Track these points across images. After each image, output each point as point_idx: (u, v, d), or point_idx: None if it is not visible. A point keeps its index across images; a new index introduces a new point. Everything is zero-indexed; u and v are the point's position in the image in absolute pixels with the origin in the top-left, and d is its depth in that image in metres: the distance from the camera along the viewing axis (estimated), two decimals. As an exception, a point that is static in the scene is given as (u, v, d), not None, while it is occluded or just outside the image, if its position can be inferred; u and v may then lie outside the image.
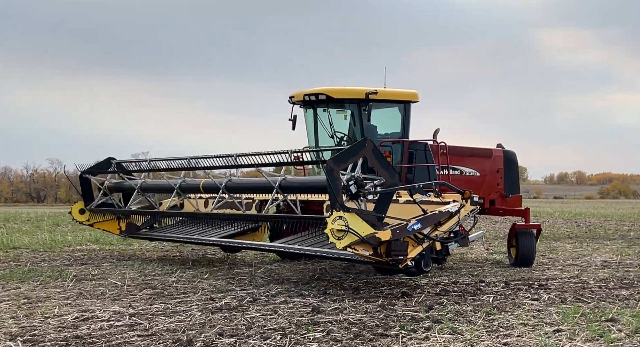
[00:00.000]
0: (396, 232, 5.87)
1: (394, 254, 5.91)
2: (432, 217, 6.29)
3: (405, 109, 9.38)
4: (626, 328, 4.85)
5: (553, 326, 4.97)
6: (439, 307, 5.74)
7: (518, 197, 9.70)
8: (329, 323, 5.08)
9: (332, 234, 5.72)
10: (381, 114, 9.45)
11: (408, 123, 9.39)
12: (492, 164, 9.57)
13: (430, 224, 6.28)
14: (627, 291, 6.63)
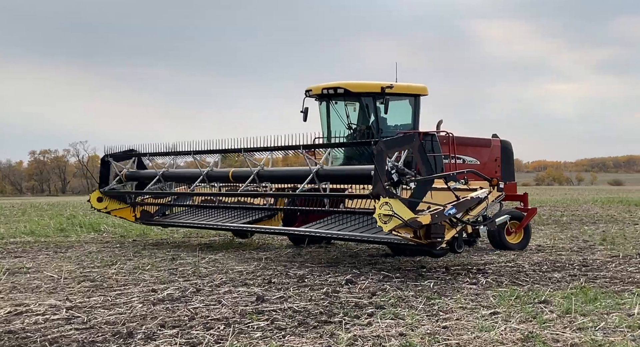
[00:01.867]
0: (435, 217, 6.35)
1: (433, 236, 6.40)
2: (465, 202, 6.79)
3: (416, 102, 10.01)
4: (558, 309, 5.09)
5: (490, 308, 5.16)
6: (382, 293, 5.85)
7: (513, 184, 10.29)
8: (273, 312, 5.09)
9: (380, 218, 6.20)
10: (392, 106, 9.83)
11: (418, 115, 10.05)
12: (491, 153, 10.15)
13: (463, 209, 6.77)
14: (559, 274, 6.95)
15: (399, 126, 10.02)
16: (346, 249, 9.34)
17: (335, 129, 9.98)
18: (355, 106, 10.02)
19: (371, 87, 9.57)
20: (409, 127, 10.00)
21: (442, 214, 6.46)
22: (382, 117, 9.92)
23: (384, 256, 8.57)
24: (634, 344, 4.01)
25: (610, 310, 5.02)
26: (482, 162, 9.91)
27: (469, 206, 6.87)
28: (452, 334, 4.38)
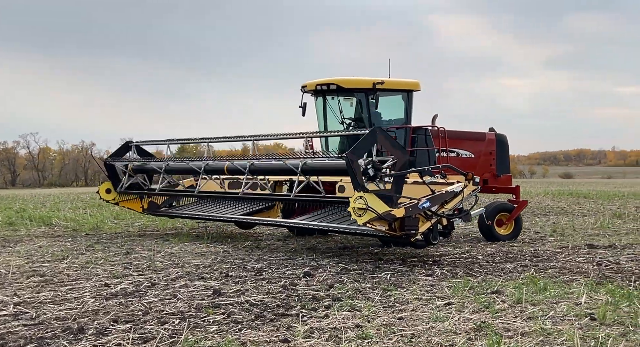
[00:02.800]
0: (409, 210, 6.66)
1: (407, 229, 6.70)
2: (440, 196, 7.07)
3: (408, 97, 10.16)
4: (509, 299, 5.23)
5: (444, 299, 5.26)
6: (340, 285, 5.88)
7: (508, 176, 10.53)
8: (230, 305, 5.05)
9: (354, 211, 6.50)
10: (385, 101, 10.18)
11: (411, 110, 10.21)
12: (486, 146, 10.34)
13: (438, 203, 7.05)
14: (511, 265, 7.14)
15: (392, 121, 10.25)
16: (305, 242, 9.34)
17: (331, 124, 10.19)
18: (353, 101, 10.23)
19: (363, 83, 9.76)
20: (401, 121, 10.19)
21: (416, 207, 6.75)
22: (375, 112, 10.12)
23: (342, 248, 8.62)
24: (580, 332, 4.16)
25: (559, 299, 5.19)
26: (476, 156, 10.15)
27: (444, 199, 7.15)
28: (407, 324, 4.44)
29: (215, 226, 12.13)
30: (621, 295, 5.24)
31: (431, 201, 6.94)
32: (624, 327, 4.28)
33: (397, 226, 6.74)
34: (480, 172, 10.02)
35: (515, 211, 9.62)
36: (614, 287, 5.61)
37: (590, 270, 6.69)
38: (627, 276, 6.28)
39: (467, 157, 10.05)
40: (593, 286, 5.75)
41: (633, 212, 14.92)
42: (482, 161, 10.14)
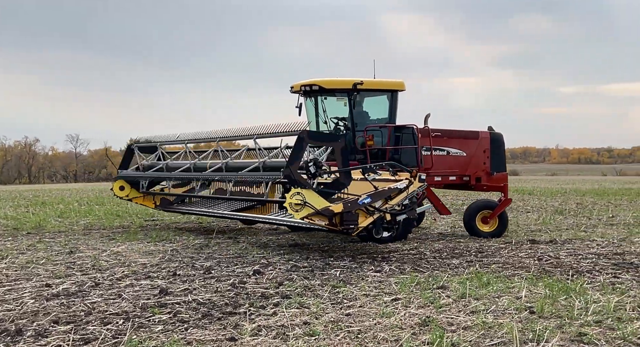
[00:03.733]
0: (348, 205, 6.91)
1: (346, 223, 6.94)
2: (382, 192, 7.28)
3: (392, 97, 10.38)
4: (454, 294, 5.36)
5: (392, 295, 5.34)
6: (289, 283, 5.88)
7: (504, 174, 10.63)
8: (176, 304, 4.98)
9: (291, 206, 6.75)
10: (373, 101, 10.44)
11: (395, 109, 10.40)
12: (479, 144, 10.43)
13: (380, 199, 7.25)
14: (457, 260, 7.32)
15: (379, 120, 10.43)
16: (255, 240, 9.30)
17: (323, 123, 10.37)
18: (345, 101, 10.32)
19: (343, 83, 9.98)
20: (386, 121, 10.38)
21: (356, 203, 6.97)
22: (362, 112, 10.37)
23: (294, 246, 8.63)
24: (519, 325, 4.31)
25: (501, 293, 5.36)
26: (468, 154, 10.31)
27: (386, 195, 7.33)
28: (355, 320, 4.49)
29: (164, 223, 11.92)
30: (559, 288, 5.46)
31: (372, 197, 7.14)
32: (560, 320, 4.46)
33: (337, 221, 6.96)
34: (473, 170, 10.29)
35: (497, 208, 9.86)
36: (553, 281, 5.84)
37: (532, 265, 6.94)
38: (566, 270, 6.54)
39: (458, 156, 10.23)
40: (533, 280, 5.97)
41: (574, 208, 15.54)
42: (475, 159, 10.32)
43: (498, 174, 10.40)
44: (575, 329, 4.19)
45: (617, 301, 4.96)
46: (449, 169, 10.16)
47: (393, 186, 7.47)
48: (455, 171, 10.19)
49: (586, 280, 5.96)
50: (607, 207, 16.13)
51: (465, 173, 10.26)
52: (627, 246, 8.52)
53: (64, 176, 76.77)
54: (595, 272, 6.44)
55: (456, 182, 10.33)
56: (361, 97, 10.28)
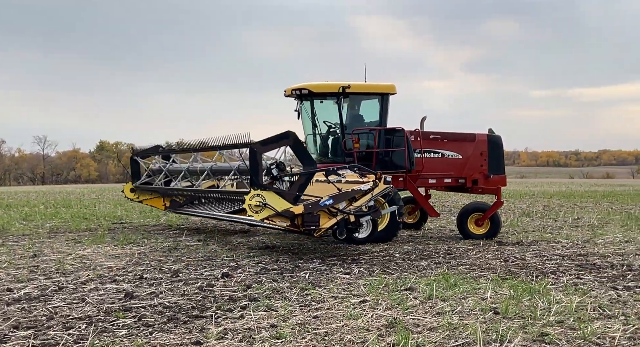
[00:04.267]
0: (308, 207, 7.01)
1: (306, 225, 7.06)
2: (345, 194, 7.38)
3: (383, 100, 10.46)
4: (421, 295, 5.41)
5: (360, 297, 5.36)
6: (257, 285, 5.86)
7: (502, 177, 10.66)
8: (142, 308, 4.91)
9: (250, 208, 6.89)
10: (366, 104, 10.56)
11: (385, 113, 10.47)
12: (476, 147, 10.47)
13: (343, 200, 7.34)
14: (426, 262, 7.39)
15: (372, 123, 10.51)
16: (225, 242, 9.23)
17: (323, 126, 10.48)
18: (346, 103, 10.46)
19: (331, 87, 10.08)
20: (376, 124, 10.45)
21: (317, 204, 7.04)
22: (357, 115, 10.50)
23: (264, 248, 8.59)
24: (484, 326, 4.37)
25: (467, 295, 5.43)
26: (465, 157, 10.37)
27: (349, 197, 7.39)
28: (322, 323, 4.49)
29: (132, 226, 11.76)
30: (523, 289, 5.55)
31: (335, 199, 7.23)
32: (523, 320, 4.53)
33: (299, 222, 7.08)
34: (470, 173, 10.37)
35: (489, 210, 9.94)
36: (518, 282, 5.94)
37: (498, 266, 7.04)
38: (531, 271, 6.66)
39: (453, 158, 10.31)
40: (499, 281, 6.06)
41: (541, 211, 15.84)
42: (472, 162, 10.38)
43: (495, 177, 10.47)
44: (538, 329, 4.27)
45: (579, 302, 5.07)
46: (444, 172, 10.24)
47: (357, 188, 7.54)
48: (451, 173, 10.28)
49: (550, 281, 6.08)
50: (573, 209, 16.49)
51: (461, 175, 10.33)
52: (590, 248, 8.72)
53: (30, 178, 75.10)
54: (559, 273, 6.57)
55: (452, 185, 10.42)
56: (354, 101, 10.43)
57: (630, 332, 4.21)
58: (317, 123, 10.53)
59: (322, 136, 10.62)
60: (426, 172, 10.03)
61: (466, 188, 10.48)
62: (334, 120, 10.38)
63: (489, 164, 10.46)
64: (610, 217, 13.82)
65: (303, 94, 10.30)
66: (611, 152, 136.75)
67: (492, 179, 10.43)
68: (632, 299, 5.26)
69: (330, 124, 10.47)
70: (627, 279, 6.22)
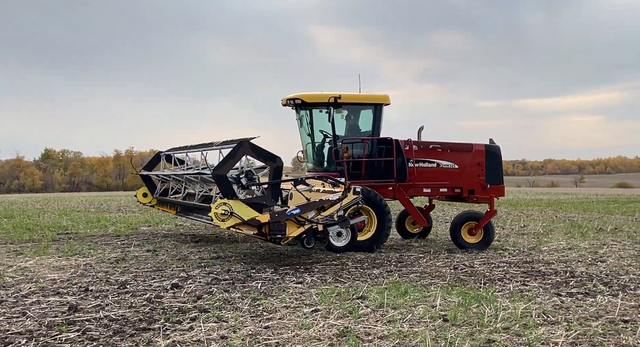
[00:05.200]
0: (275, 216, 7.24)
1: (273, 233, 7.27)
2: (312, 204, 7.56)
3: (376, 111, 10.61)
4: (372, 304, 5.44)
5: (312, 306, 5.35)
6: (208, 296, 5.77)
7: (499, 187, 10.62)
8: (86, 322, 4.75)
9: (216, 216, 7.12)
10: (362, 115, 10.72)
11: (378, 122, 10.61)
12: (472, 157, 10.48)
13: (311, 210, 7.53)
14: (378, 270, 7.45)
15: (367, 132, 10.60)
16: (176, 253, 9.05)
17: (317, 135, 10.63)
18: (343, 113, 10.63)
19: (322, 97, 10.22)
20: (369, 134, 10.54)
21: (283, 213, 7.28)
22: (355, 125, 10.66)
23: (215, 258, 8.47)
24: (433, 334, 4.44)
25: (418, 302, 5.50)
26: (461, 167, 10.41)
27: (317, 207, 7.57)
28: (273, 333, 4.46)
29: (78, 237, 11.39)
30: (472, 297, 5.67)
31: (302, 208, 7.40)
32: (471, 327, 4.63)
33: (267, 231, 7.27)
34: (466, 183, 10.40)
35: (482, 220, 9.99)
36: (467, 290, 6.06)
37: (447, 274, 7.18)
38: (479, 279, 6.82)
39: (449, 168, 10.37)
40: (448, 288, 6.17)
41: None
42: (468, 172, 10.43)
43: (492, 186, 10.52)
44: (485, 336, 4.36)
45: (524, 308, 5.22)
46: (440, 181, 10.31)
47: (325, 198, 7.69)
48: (447, 183, 10.34)
49: (497, 288, 6.23)
50: (519, 217, 16.99)
51: (457, 185, 10.39)
52: (536, 255, 9.01)
53: (-30, 186, 71.76)
54: (505, 281, 6.75)
55: (448, 194, 10.49)
56: (350, 111, 10.60)
57: (572, 338, 4.35)
58: (312, 132, 10.65)
59: (317, 145, 10.75)
60: (420, 182, 10.14)
61: (462, 198, 10.57)
62: (330, 130, 10.51)
63: (486, 174, 10.53)
64: (555, 225, 14.31)
65: (297, 103, 10.47)
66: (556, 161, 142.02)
67: (489, 189, 10.50)
68: (575, 305, 5.46)
69: (325, 133, 10.59)
70: (570, 286, 6.44)
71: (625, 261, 8.33)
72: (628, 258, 8.63)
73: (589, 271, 7.42)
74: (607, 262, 8.20)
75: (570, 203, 24.42)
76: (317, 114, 10.55)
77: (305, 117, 10.65)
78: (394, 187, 10.03)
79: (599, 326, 4.66)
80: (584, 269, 7.63)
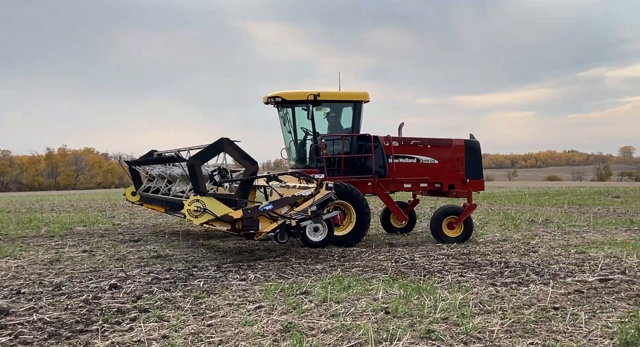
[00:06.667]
0: (247, 212, 7.37)
1: (246, 229, 7.41)
2: (285, 200, 7.70)
3: (355, 108, 10.70)
4: (316, 299, 5.48)
5: (255, 303, 5.33)
6: (149, 296, 5.64)
7: (479, 181, 10.73)
8: (19, 325, 4.56)
9: (189, 213, 7.21)
10: (344, 112, 10.81)
11: (358, 120, 10.71)
12: (452, 152, 10.59)
13: (283, 206, 7.66)
14: (321, 265, 7.50)
15: (348, 129, 10.63)
16: (114, 253, 8.78)
17: (299, 133, 10.66)
18: (324, 111, 10.65)
19: (301, 95, 10.26)
20: (349, 131, 10.57)
21: (256, 209, 7.44)
22: (337, 122, 10.72)
23: (156, 257, 8.28)
24: (375, 326, 4.52)
25: (360, 296, 5.59)
26: (440, 162, 10.50)
27: (290, 202, 7.73)
28: (216, 331, 4.42)
29: (9, 238, 10.86)
30: (412, 289, 5.81)
31: (274, 204, 7.53)
32: (412, 319, 4.74)
33: (240, 226, 7.42)
34: (446, 177, 10.53)
35: (462, 214, 10.08)
36: (407, 282, 6.20)
37: (389, 267, 7.32)
38: (419, 271, 6.99)
39: (429, 163, 10.50)
40: (390, 281, 6.30)
41: (428, 213, 16.66)
42: (448, 167, 10.57)
43: (472, 181, 10.69)
44: (425, 327, 4.48)
45: (462, 299, 5.40)
46: (420, 176, 10.45)
47: (297, 194, 7.82)
48: (427, 178, 10.49)
49: (436, 280, 6.41)
50: (457, 211, 17.52)
51: (437, 180, 10.55)
52: (472, 247, 9.32)
53: None
54: (444, 272, 6.95)
55: (428, 189, 10.64)
56: (330, 108, 10.66)
57: (507, 326, 4.54)
58: (293, 130, 10.68)
59: (299, 143, 10.76)
60: (401, 177, 10.27)
61: (443, 192, 10.76)
62: (310, 128, 10.52)
63: (465, 169, 10.72)
64: (490, 217, 14.86)
65: (277, 101, 10.50)
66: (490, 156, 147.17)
67: (468, 184, 10.69)
68: (509, 294, 5.69)
69: (307, 131, 10.61)
70: (505, 276, 6.71)
71: (555, 251, 8.76)
72: (558, 248, 9.08)
73: (522, 261, 7.74)
74: (538, 253, 8.59)
75: (504, 196, 25.39)
76: (298, 111, 10.60)
77: (287, 115, 10.71)
78: (373, 183, 10.22)
79: (532, 314, 4.88)
80: (517, 259, 7.96)
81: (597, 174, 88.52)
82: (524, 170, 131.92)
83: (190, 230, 12.06)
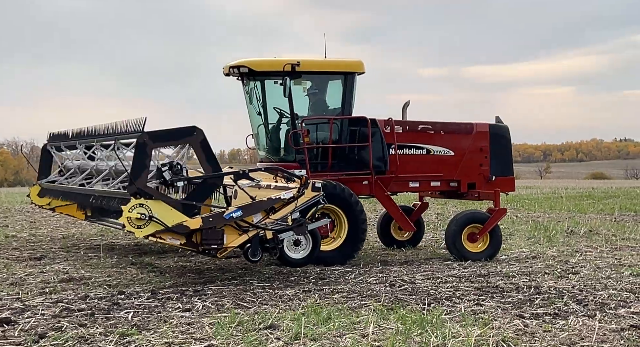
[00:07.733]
0: (208, 220, 7.26)
1: (206, 242, 7.30)
2: (258, 204, 7.57)
3: (347, 81, 10.59)
4: (285, 335, 5.50)
5: (204, 341, 5.33)
6: (56, 334, 5.59)
7: (508, 178, 10.60)
8: None
9: (130, 222, 6.99)
10: (330, 87, 10.81)
11: (350, 97, 10.59)
12: (474, 141, 10.50)
13: (256, 212, 7.58)
14: (292, 290, 7.53)
15: (337, 110, 10.51)
16: (7, 276, 8.64)
17: (271, 115, 10.66)
18: (305, 86, 10.77)
19: (276, 64, 10.10)
20: (337, 111, 10.46)
21: (220, 217, 7.35)
22: (321, 101, 10.66)
23: (67, 281, 8.18)
24: (365, 371, 4.54)
25: (344, 331, 5.62)
26: (458, 153, 10.42)
27: (264, 208, 7.61)
28: (150, 381, 4.39)
29: None
30: (413, 321, 5.86)
31: (244, 210, 7.42)
32: (414, 361, 4.78)
33: (198, 240, 7.36)
34: (465, 174, 10.46)
35: (488, 222, 9.97)
36: (406, 313, 6.25)
37: (382, 292, 7.38)
38: (422, 298, 7.06)
39: (442, 155, 10.40)
40: (384, 312, 6.35)
41: (433, 220, 16.80)
42: (468, 160, 10.47)
43: (499, 179, 10.58)
44: (431, 372, 4.52)
45: (479, 335, 5.45)
46: (431, 173, 10.37)
47: (273, 196, 7.66)
48: (440, 175, 10.43)
49: (445, 309, 6.48)
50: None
51: (453, 177, 10.47)
52: (492, 266, 9.43)
53: None
54: (455, 299, 7.03)
55: (441, 189, 10.57)
56: (312, 82, 10.62)
57: (538, 369, 4.60)
58: (265, 111, 10.60)
59: (271, 128, 10.67)
60: (405, 174, 10.18)
61: (460, 194, 10.65)
62: (286, 107, 10.36)
63: (490, 163, 10.61)
64: (515, 227, 15.06)
65: (243, 72, 10.35)
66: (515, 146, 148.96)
67: (495, 182, 10.55)
68: (541, 330, 5.76)
69: (281, 112, 10.52)
70: (535, 305, 6.80)
71: (602, 273, 8.91)
72: (606, 269, 9.24)
73: (558, 286, 7.86)
74: (580, 274, 8.73)
75: (533, 199, 25.74)
76: (270, 86, 10.52)
77: (254, 90, 10.60)
78: (370, 181, 10.11)
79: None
80: (552, 283, 8.08)
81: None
82: (559, 165, 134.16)
83: (114, 243, 11.97)
